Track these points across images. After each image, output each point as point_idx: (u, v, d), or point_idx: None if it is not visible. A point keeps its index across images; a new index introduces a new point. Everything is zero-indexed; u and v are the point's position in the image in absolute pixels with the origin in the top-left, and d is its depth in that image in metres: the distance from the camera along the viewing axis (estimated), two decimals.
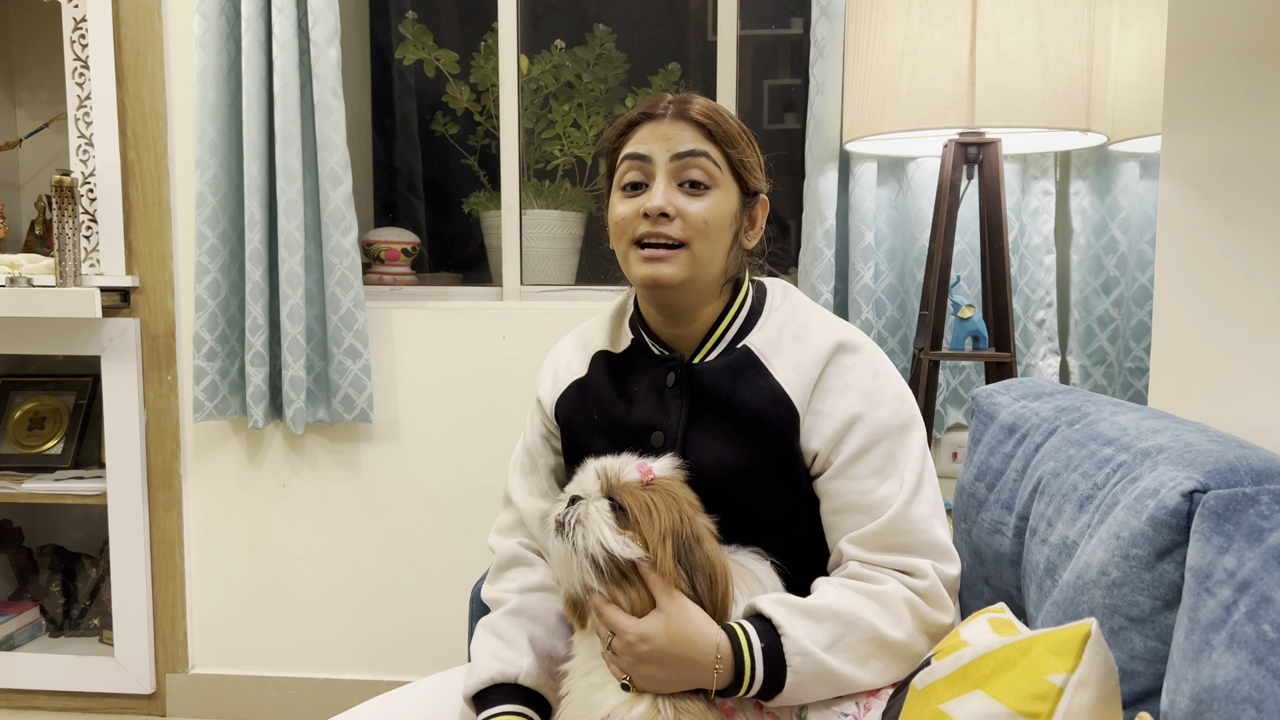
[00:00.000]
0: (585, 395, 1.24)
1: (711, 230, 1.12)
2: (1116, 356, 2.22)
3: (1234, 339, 1.19)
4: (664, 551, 1.02)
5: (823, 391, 1.13)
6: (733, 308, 1.19)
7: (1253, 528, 0.81)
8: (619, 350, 1.24)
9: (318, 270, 2.31)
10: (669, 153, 1.12)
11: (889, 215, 2.24)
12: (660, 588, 1.02)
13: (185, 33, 2.34)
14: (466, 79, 2.73)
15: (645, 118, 1.15)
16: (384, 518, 2.44)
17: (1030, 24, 1.70)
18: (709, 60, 2.74)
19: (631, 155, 1.14)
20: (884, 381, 1.14)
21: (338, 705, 2.42)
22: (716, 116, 1.14)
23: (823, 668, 1.02)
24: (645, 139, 1.14)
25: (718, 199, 1.13)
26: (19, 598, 2.69)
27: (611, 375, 1.23)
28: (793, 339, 1.16)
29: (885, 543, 1.09)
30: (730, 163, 1.14)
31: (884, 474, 1.11)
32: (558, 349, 1.33)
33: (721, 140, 1.14)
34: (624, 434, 1.17)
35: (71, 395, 2.67)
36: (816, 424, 1.12)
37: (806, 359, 1.14)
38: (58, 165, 2.68)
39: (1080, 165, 2.21)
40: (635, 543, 1.03)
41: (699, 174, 1.12)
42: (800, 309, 1.20)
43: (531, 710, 1.15)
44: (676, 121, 1.13)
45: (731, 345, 1.18)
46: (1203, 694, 0.79)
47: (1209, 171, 1.24)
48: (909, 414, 1.14)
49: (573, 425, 1.24)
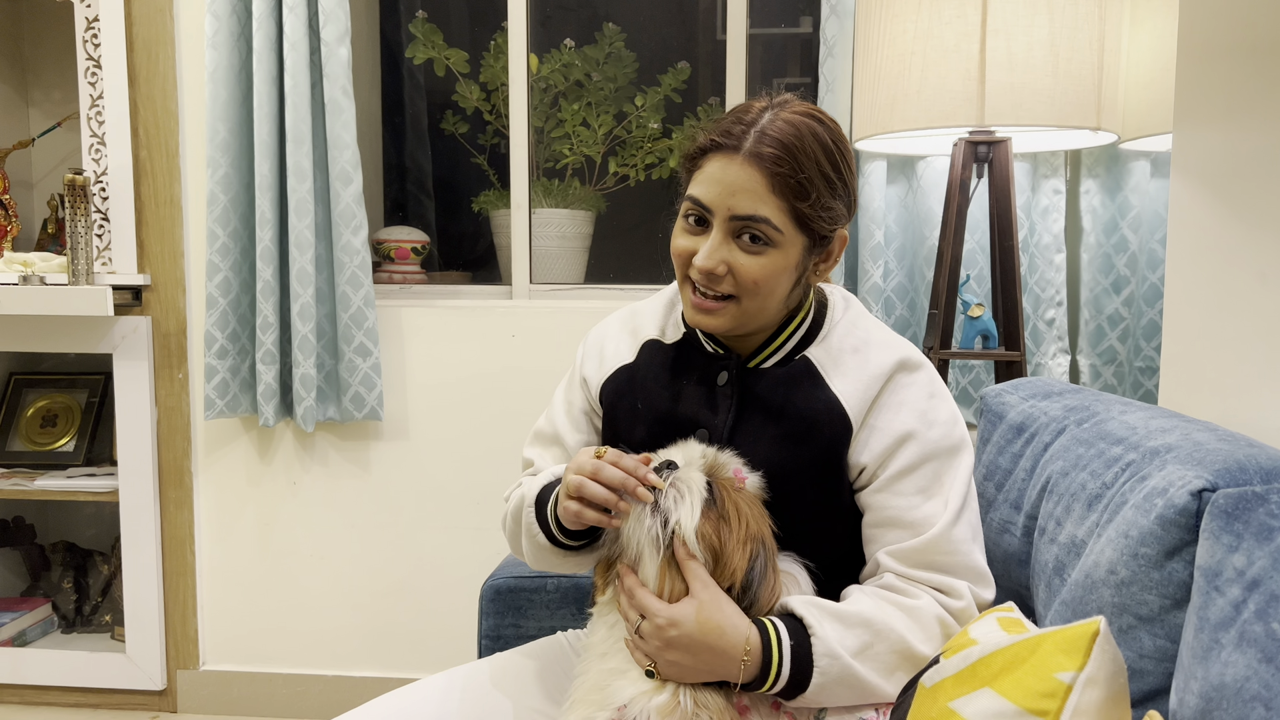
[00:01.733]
0: (633, 383, 1.22)
1: (762, 289, 1.09)
2: (1127, 356, 2.22)
3: (1244, 338, 1.19)
4: (742, 556, 1.02)
5: (879, 408, 1.12)
6: (794, 320, 1.18)
7: (1262, 526, 0.81)
8: (669, 341, 1.23)
9: (328, 269, 2.32)
10: (729, 211, 1.06)
11: (898, 214, 2.24)
12: (696, 576, 1.02)
13: (197, 32, 2.35)
14: (476, 78, 2.74)
15: (716, 146, 1.07)
16: (394, 515, 2.45)
17: (1041, 22, 1.70)
18: (718, 59, 2.75)
19: (693, 198, 1.09)
20: (939, 403, 1.13)
21: (347, 702, 2.42)
22: (794, 159, 1.05)
23: (849, 673, 1.02)
24: (710, 180, 1.07)
25: (774, 258, 1.08)
26: (31, 594, 2.71)
27: (661, 366, 1.21)
28: (853, 353, 1.15)
29: (925, 560, 1.08)
30: (798, 217, 1.07)
31: (929, 493, 1.10)
32: (604, 329, 1.29)
33: (793, 194, 1.05)
34: (668, 427, 1.16)
35: (83, 393, 2.68)
36: (870, 439, 1.11)
37: (867, 374, 1.13)
38: (70, 164, 2.69)
39: (1090, 164, 2.20)
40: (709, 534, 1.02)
41: (755, 239, 1.07)
42: (861, 322, 1.19)
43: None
44: (748, 163, 1.05)
45: (790, 355, 1.17)
46: (1212, 692, 0.78)
47: (1220, 170, 1.24)
48: (960, 437, 1.13)
49: (616, 412, 1.23)
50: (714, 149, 1.08)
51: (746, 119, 1.07)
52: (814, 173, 1.06)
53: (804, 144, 1.06)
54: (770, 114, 1.07)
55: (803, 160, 1.05)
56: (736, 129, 1.07)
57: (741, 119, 1.08)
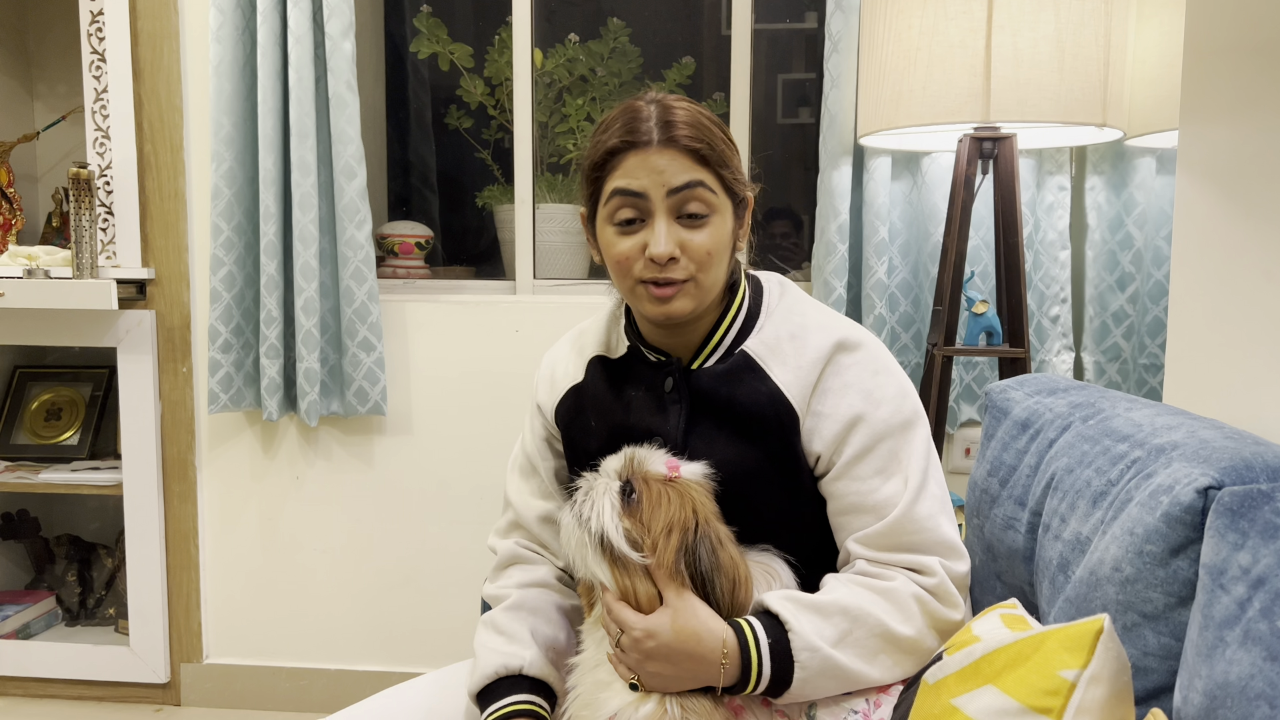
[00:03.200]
0: (582, 401, 1.23)
1: (715, 258, 1.09)
2: (1131, 353, 2.21)
3: (1250, 335, 1.19)
4: (665, 544, 1.02)
5: (822, 392, 1.11)
6: (730, 311, 1.17)
7: (1267, 524, 0.81)
8: (615, 356, 1.23)
9: (332, 263, 2.32)
10: (664, 187, 1.06)
11: (903, 210, 2.23)
12: (667, 584, 1.03)
13: (201, 26, 2.35)
14: (480, 73, 2.73)
15: (629, 145, 1.07)
16: (397, 510, 2.45)
17: (1047, 18, 1.69)
18: (723, 54, 2.74)
19: (622, 191, 1.08)
20: (884, 379, 1.12)
21: (350, 696, 2.43)
22: (706, 135, 1.08)
23: (830, 663, 1.02)
24: (634, 172, 1.07)
25: (716, 225, 1.09)
26: (35, 587, 2.71)
27: (608, 380, 1.21)
28: (790, 339, 1.14)
29: (892, 542, 1.08)
30: (723, 182, 1.10)
31: (887, 473, 1.10)
32: (554, 353, 1.31)
33: (714, 163, 1.08)
34: (622, 439, 1.15)
35: (88, 386, 2.69)
36: (818, 425, 1.11)
37: (805, 360, 1.12)
38: (75, 158, 2.69)
39: (1096, 160, 2.19)
40: (636, 530, 1.03)
41: (698, 205, 1.07)
42: (797, 307, 1.18)
43: (540, 698, 1.15)
44: (665, 149, 1.06)
45: (730, 350, 1.16)
46: (1216, 690, 0.78)
47: (1226, 167, 1.24)
48: (911, 410, 1.12)
49: (572, 431, 1.24)
50: (625, 148, 1.08)
51: (637, 116, 1.09)
52: (720, 143, 1.10)
53: (703, 120, 1.09)
54: (654, 107, 1.09)
55: (708, 133, 1.09)
56: (635, 126, 1.08)
57: (635, 118, 1.09)
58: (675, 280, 1.08)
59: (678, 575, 1.02)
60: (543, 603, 1.22)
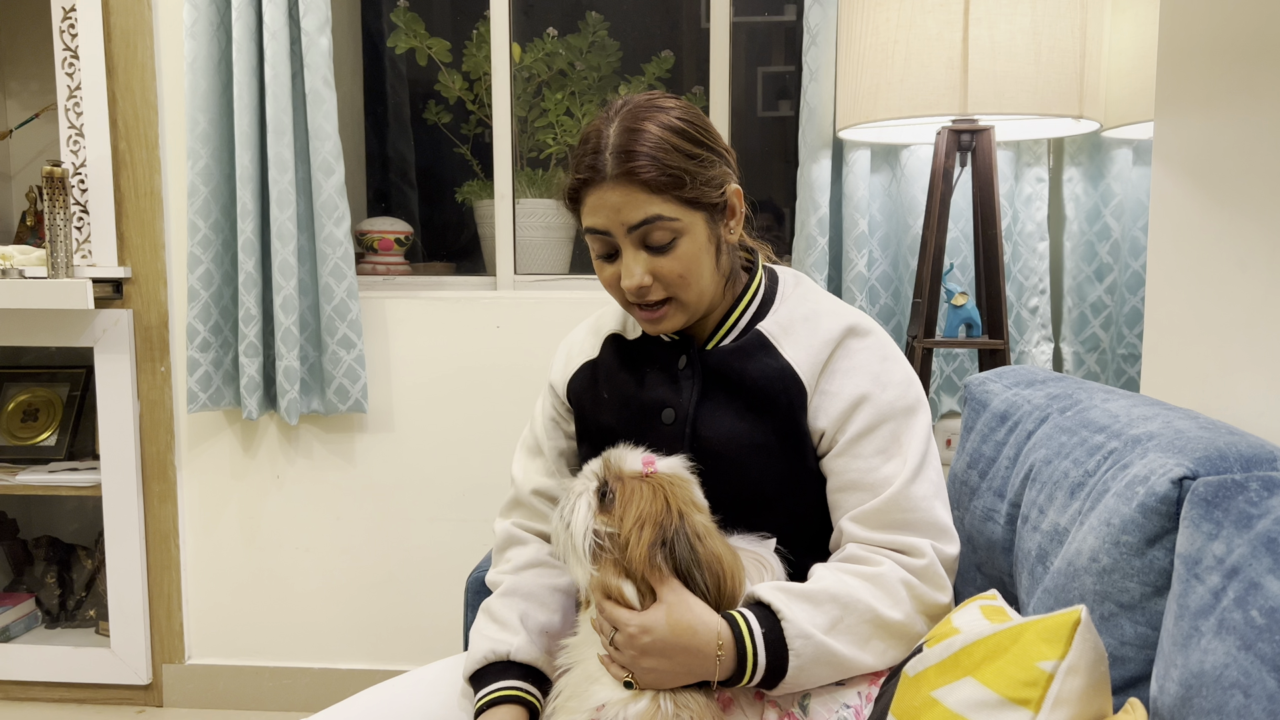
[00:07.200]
0: (596, 374, 1.27)
1: (690, 278, 1.12)
2: (1110, 343, 2.23)
3: (1225, 325, 1.20)
4: (637, 538, 1.03)
5: (831, 372, 1.15)
6: (745, 298, 1.21)
7: (1241, 514, 0.82)
8: (631, 337, 1.27)
9: (311, 260, 2.31)
10: (623, 225, 1.09)
11: (882, 203, 2.24)
12: (660, 580, 1.03)
13: (175, 22, 2.33)
14: (459, 67, 2.72)
15: (586, 183, 1.10)
16: (379, 507, 2.44)
17: (1023, 10, 1.70)
18: (702, 48, 2.74)
19: (590, 229, 1.13)
20: (892, 365, 1.16)
21: (334, 695, 2.42)
22: (664, 159, 1.08)
23: (824, 650, 1.03)
24: (596, 210, 1.10)
25: (685, 245, 1.11)
26: (14, 589, 2.69)
27: (623, 357, 1.25)
28: (804, 321, 1.18)
29: (885, 520, 1.10)
30: (685, 201, 1.10)
31: (888, 454, 1.12)
32: (571, 335, 1.35)
33: (670, 187, 1.08)
34: (635, 411, 1.20)
35: (65, 387, 2.66)
36: (824, 403, 1.14)
37: (817, 340, 1.16)
38: (48, 156, 2.66)
39: (1073, 152, 2.21)
40: (614, 527, 1.04)
41: (660, 235, 1.09)
42: (812, 295, 1.22)
43: (529, 684, 1.17)
44: (618, 184, 1.08)
45: (744, 331, 1.20)
46: (1191, 679, 0.79)
47: (1201, 159, 1.24)
48: (915, 397, 1.16)
49: (584, 404, 1.27)
50: (584, 185, 1.11)
51: (598, 145, 1.10)
52: (678, 159, 1.08)
53: (656, 141, 1.08)
54: (615, 128, 1.09)
55: (662, 156, 1.08)
56: (594, 160, 1.09)
57: (595, 148, 1.10)
58: (657, 302, 1.13)
59: (655, 570, 1.03)
60: (535, 585, 1.25)
